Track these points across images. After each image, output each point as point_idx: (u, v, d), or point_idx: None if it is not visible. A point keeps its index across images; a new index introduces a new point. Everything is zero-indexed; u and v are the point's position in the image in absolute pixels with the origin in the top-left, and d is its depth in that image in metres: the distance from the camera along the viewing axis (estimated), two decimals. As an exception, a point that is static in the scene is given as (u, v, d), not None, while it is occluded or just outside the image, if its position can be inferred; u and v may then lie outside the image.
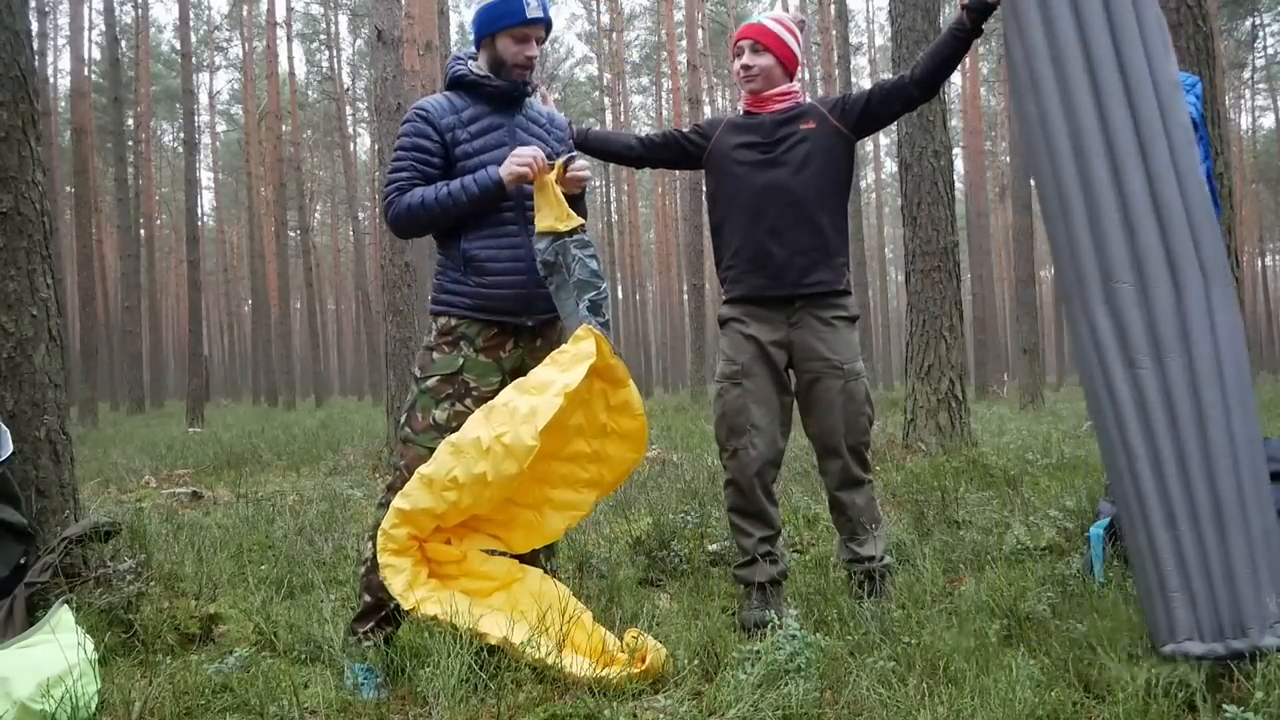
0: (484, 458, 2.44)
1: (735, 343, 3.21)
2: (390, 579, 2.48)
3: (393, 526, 2.51)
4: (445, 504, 2.48)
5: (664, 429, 10.58)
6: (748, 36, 3.24)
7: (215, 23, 39.55)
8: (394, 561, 2.50)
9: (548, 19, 2.81)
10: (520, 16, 2.74)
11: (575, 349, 2.61)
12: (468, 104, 2.83)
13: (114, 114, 23.82)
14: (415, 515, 2.50)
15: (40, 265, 3.27)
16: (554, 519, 2.76)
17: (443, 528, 2.62)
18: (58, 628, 2.60)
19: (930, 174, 7.23)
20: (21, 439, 3.15)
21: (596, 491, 2.83)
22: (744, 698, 2.24)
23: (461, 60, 2.88)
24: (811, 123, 3.18)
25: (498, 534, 2.74)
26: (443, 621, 2.43)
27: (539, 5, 2.77)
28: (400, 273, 8.04)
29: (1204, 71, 4.27)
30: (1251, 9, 29.09)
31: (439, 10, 14.44)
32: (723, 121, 3.35)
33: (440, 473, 2.47)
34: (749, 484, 3.15)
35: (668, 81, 35.80)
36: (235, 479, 7.60)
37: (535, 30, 2.79)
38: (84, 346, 18.42)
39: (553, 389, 2.50)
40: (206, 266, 38.57)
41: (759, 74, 3.20)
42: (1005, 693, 2.22)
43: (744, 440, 3.14)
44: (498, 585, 2.66)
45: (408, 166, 2.77)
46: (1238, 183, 30.46)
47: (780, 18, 3.30)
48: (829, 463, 3.24)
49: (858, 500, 3.23)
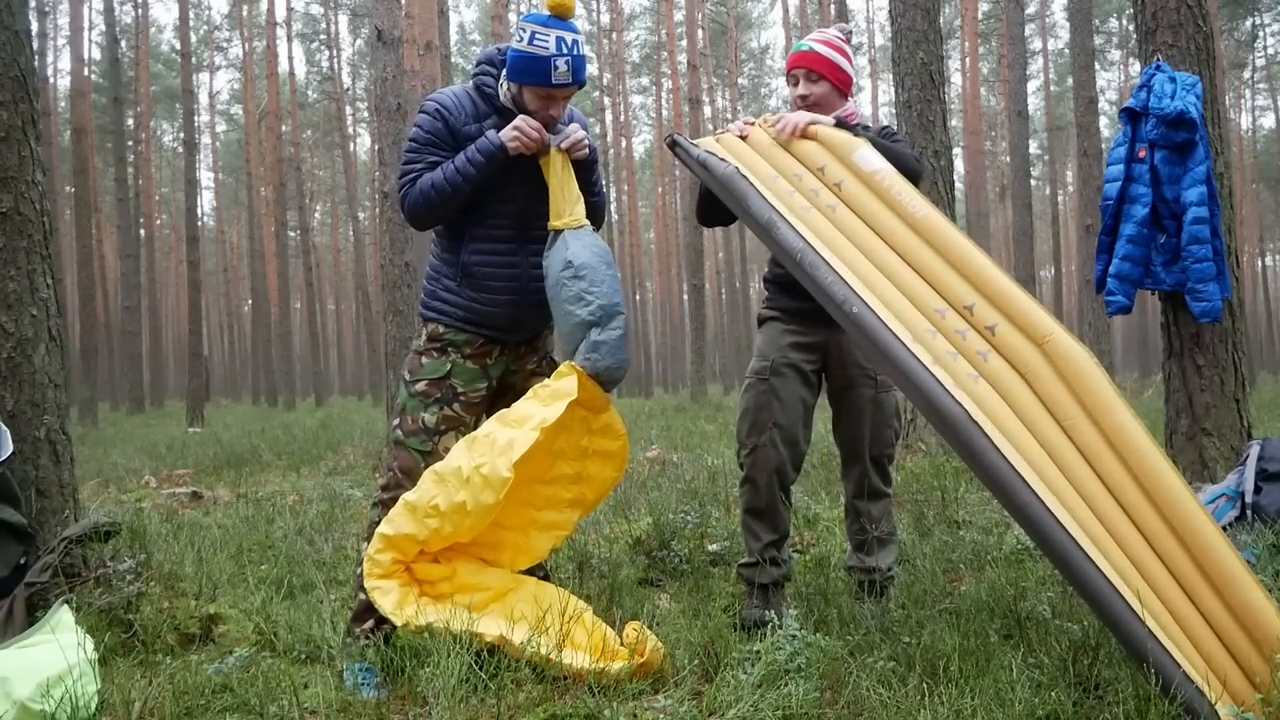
0: (464, 487, 2.47)
1: (771, 340, 3.20)
2: (379, 600, 2.50)
3: (377, 552, 2.53)
4: (427, 530, 2.50)
5: (664, 429, 10.58)
6: (801, 65, 3.15)
7: (215, 23, 39.50)
8: (381, 584, 2.52)
9: (578, 81, 2.71)
10: (545, 80, 2.67)
11: (556, 385, 2.62)
12: (489, 113, 2.80)
13: (114, 114, 23.82)
14: (399, 541, 2.52)
15: (40, 265, 3.27)
16: (539, 539, 2.78)
17: (427, 551, 2.63)
18: (58, 628, 2.60)
19: (930, 174, 7.23)
20: (21, 439, 3.15)
21: (579, 510, 2.85)
22: (744, 698, 2.24)
23: (492, 78, 2.81)
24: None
25: (485, 556, 2.75)
26: (438, 629, 2.44)
27: (568, 70, 2.67)
28: (400, 273, 8.04)
29: (1204, 71, 4.27)
30: (1251, 9, 29.08)
31: (439, 10, 14.44)
32: None
33: (423, 500, 2.49)
34: (766, 482, 3.12)
35: (668, 81, 35.77)
36: (235, 479, 7.61)
37: (564, 92, 2.74)
38: (84, 346, 18.42)
39: (530, 423, 2.52)
40: (206, 266, 38.55)
41: (815, 102, 3.13)
42: (1005, 693, 2.22)
43: (765, 438, 3.11)
44: (493, 595, 2.66)
45: (421, 160, 2.74)
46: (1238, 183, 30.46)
47: (829, 40, 3.20)
48: (850, 469, 3.25)
49: (873, 510, 3.22)
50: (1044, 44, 36.77)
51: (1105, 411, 2.28)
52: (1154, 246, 4.08)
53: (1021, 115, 17.14)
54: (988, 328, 2.42)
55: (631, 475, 6.49)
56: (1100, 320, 11.79)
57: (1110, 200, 4.16)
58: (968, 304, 2.47)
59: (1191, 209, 3.93)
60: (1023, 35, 17.62)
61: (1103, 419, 2.28)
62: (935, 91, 7.20)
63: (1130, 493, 2.24)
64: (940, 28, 7.46)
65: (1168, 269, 4.07)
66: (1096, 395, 2.30)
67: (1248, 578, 2.17)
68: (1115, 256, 4.13)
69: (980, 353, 2.39)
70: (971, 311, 2.45)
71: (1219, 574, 2.17)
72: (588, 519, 4.82)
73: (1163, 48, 4.32)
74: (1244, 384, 4.25)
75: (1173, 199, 4.01)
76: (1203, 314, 3.98)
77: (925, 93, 7.16)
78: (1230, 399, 4.20)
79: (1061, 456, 2.29)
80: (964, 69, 30.82)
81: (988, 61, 33.32)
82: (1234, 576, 2.16)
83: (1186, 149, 3.97)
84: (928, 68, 7.18)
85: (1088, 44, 13.57)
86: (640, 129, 45.31)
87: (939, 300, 2.50)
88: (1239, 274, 4.32)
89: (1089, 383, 2.31)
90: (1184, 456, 4.45)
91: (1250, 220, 35.47)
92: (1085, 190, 12.51)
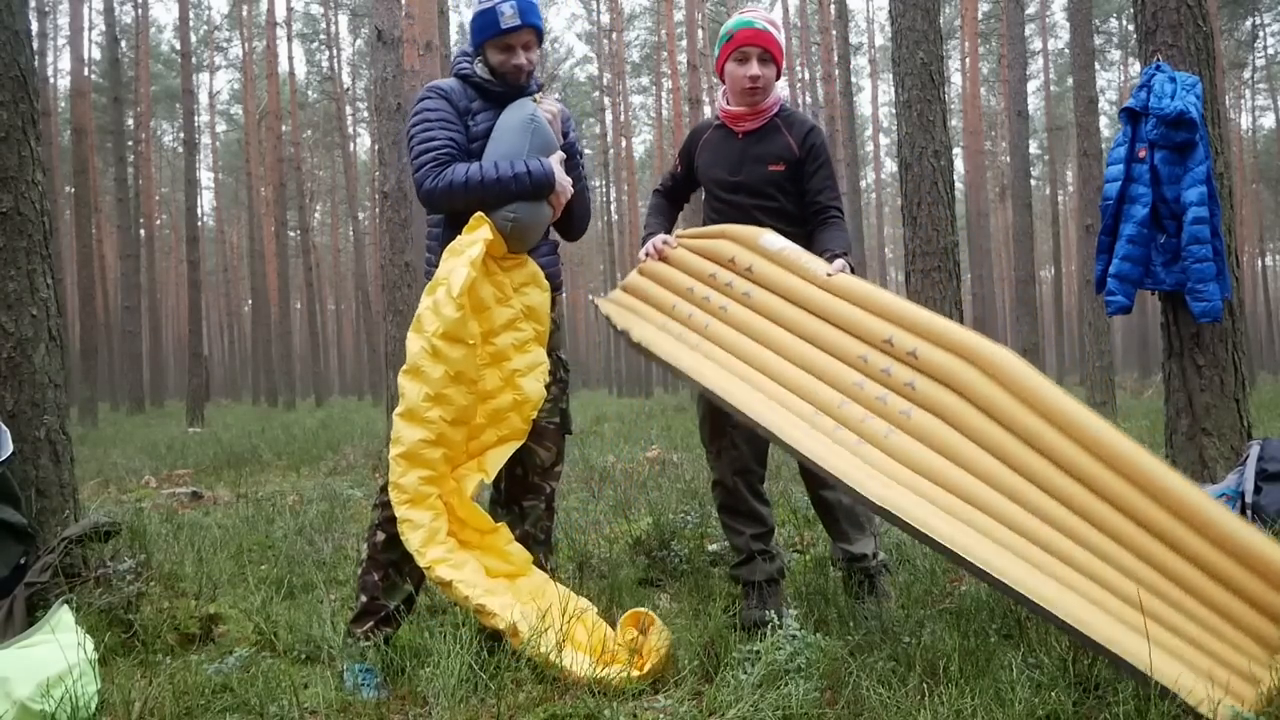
0: (434, 359, 2.54)
1: None
2: (407, 535, 2.51)
3: (400, 476, 2.55)
4: (433, 425, 2.55)
5: (664, 429, 10.58)
6: (756, 44, 3.10)
7: (215, 23, 39.50)
8: (411, 515, 2.53)
9: (528, 24, 2.77)
10: (495, 28, 2.76)
11: (469, 236, 2.70)
12: (474, 97, 2.86)
13: (114, 114, 23.81)
14: (414, 453, 2.55)
15: (40, 265, 3.27)
16: (530, 384, 2.80)
17: (455, 462, 2.67)
18: (58, 628, 2.60)
19: (930, 174, 7.22)
20: (21, 439, 3.15)
21: (540, 345, 2.87)
22: (744, 698, 2.24)
23: (468, 60, 2.89)
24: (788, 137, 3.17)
25: (505, 436, 2.78)
26: (455, 590, 2.44)
27: (515, 13, 2.74)
28: (400, 273, 8.03)
29: (1204, 71, 4.26)
30: (1251, 9, 29.07)
31: (439, 10, 14.43)
32: (703, 136, 3.32)
33: (413, 400, 2.54)
34: (733, 483, 3.17)
35: (668, 81, 35.76)
36: (235, 479, 7.61)
37: (518, 38, 2.79)
38: (84, 346, 18.40)
39: (458, 264, 2.60)
40: (206, 266, 38.53)
41: (764, 85, 3.13)
42: (1005, 693, 2.22)
43: (724, 441, 3.15)
44: (508, 572, 2.69)
45: (441, 135, 2.75)
46: (1238, 183, 30.45)
47: (772, 20, 3.19)
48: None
49: (839, 500, 3.18)
50: (1044, 44, 36.78)
51: (1044, 401, 2.34)
52: (1154, 246, 4.08)
53: (1021, 115, 17.13)
54: (909, 354, 2.53)
55: (631, 475, 6.49)
56: (1100, 320, 11.77)
57: (1110, 200, 4.16)
58: (886, 338, 2.60)
59: (1191, 209, 3.93)
60: (1023, 35, 17.60)
61: (1046, 410, 2.33)
62: (935, 91, 7.20)
63: (1109, 483, 2.25)
64: (940, 28, 7.45)
65: (1168, 269, 4.07)
66: (1032, 391, 2.36)
67: (1257, 535, 2.18)
68: (1115, 256, 4.12)
69: (903, 411, 2.50)
70: (891, 343, 2.58)
71: (1225, 538, 2.16)
72: (587, 519, 4.83)
73: (1163, 48, 4.32)
74: (1244, 384, 4.25)
75: (1173, 199, 4.00)
76: (1203, 314, 3.97)
77: (925, 93, 7.16)
78: (1230, 399, 4.19)
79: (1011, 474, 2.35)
80: (964, 69, 30.81)
81: (988, 61, 33.31)
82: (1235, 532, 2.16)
83: (1186, 149, 3.97)
84: (928, 68, 7.18)
85: (1088, 44, 13.55)
86: (640, 129, 45.33)
87: (859, 348, 2.63)
88: (1239, 274, 4.32)
89: (1019, 379, 2.38)
90: (1184, 456, 4.45)
91: (1250, 220, 35.46)
92: (1085, 190, 12.50)
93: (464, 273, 2.56)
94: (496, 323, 2.78)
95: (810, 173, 3.13)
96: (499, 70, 2.83)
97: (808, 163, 3.13)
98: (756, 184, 3.13)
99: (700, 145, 3.30)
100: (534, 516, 2.91)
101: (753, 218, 3.09)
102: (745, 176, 3.14)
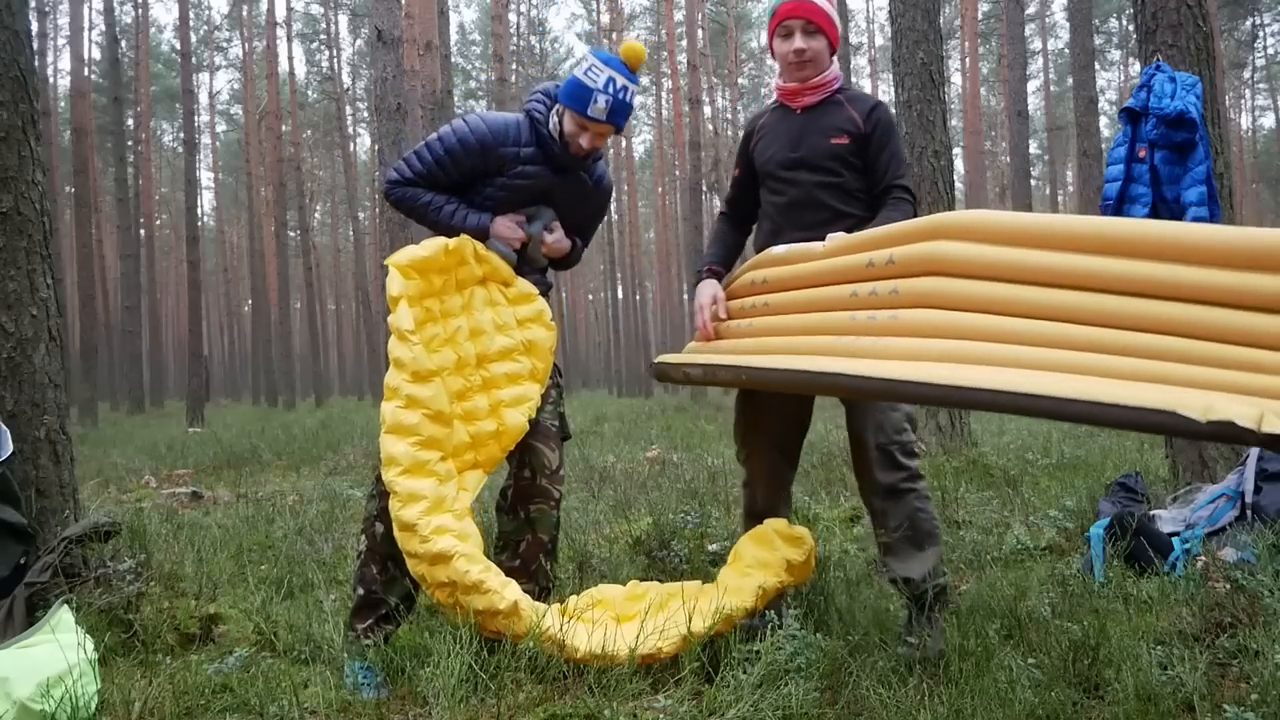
0: (409, 408, 2.58)
1: None
2: (406, 509, 2.50)
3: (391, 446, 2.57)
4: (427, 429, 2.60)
5: (664, 429, 10.59)
6: (798, 15, 2.89)
7: (215, 23, 39.55)
8: (410, 486, 2.53)
9: (613, 122, 2.81)
10: (582, 108, 2.78)
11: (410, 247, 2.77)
12: (531, 143, 2.87)
13: (114, 114, 23.83)
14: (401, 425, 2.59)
15: (40, 265, 3.27)
16: (512, 416, 2.80)
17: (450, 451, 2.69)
18: (58, 628, 2.60)
19: (930, 174, 7.23)
20: (21, 439, 3.15)
21: (535, 381, 2.87)
22: (744, 698, 2.24)
23: (545, 105, 2.89)
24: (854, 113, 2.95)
25: (480, 462, 2.79)
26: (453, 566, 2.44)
27: (606, 109, 2.76)
28: (400, 273, 8.02)
29: (1204, 71, 4.27)
30: (1251, 9, 29.09)
31: (439, 10, 14.44)
32: (758, 125, 3.13)
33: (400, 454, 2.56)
34: (764, 486, 3.08)
35: (668, 81, 35.81)
36: (235, 479, 7.61)
37: (599, 127, 2.82)
38: (84, 346, 18.42)
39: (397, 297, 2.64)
40: (206, 266, 38.53)
41: (811, 59, 2.93)
42: (1005, 693, 2.22)
43: (759, 441, 3.08)
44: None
45: (428, 165, 2.87)
46: (1238, 183, 30.44)
47: None
48: (858, 463, 2.96)
49: (889, 509, 2.83)
50: (1044, 44, 36.80)
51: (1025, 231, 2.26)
52: (1154, 246, 4.08)
53: (1021, 115, 17.15)
54: (889, 261, 2.52)
55: (631, 475, 6.49)
56: (1100, 320, 11.78)
57: (1110, 200, 4.16)
58: (865, 262, 2.57)
59: (1191, 209, 3.93)
60: (1023, 35, 17.62)
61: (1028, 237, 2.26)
62: (935, 91, 7.21)
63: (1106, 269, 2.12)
64: (940, 28, 7.46)
65: (1168, 269, 4.07)
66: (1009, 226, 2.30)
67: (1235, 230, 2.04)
68: (1115, 256, 4.12)
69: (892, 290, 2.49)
70: (870, 264, 2.57)
71: (1212, 250, 1.98)
72: (587, 518, 4.83)
73: (1163, 48, 4.32)
74: (1244, 384, 4.25)
75: (1173, 199, 4.00)
76: (1203, 314, 3.97)
77: (925, 93, 7.17)
78: (1230, 399, 4.19)
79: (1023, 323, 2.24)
80: (964, 69, 30.84)
81: (988, 61, 33.33)
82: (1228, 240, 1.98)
83: (1186, 149, 3.97)
84: (928, 68, 7.19)
85: (1088, 44, 13.57)
86: (640, 129, 45.33)
87: (848, 289, 2.62)
88: (1239, 274, 4.32)
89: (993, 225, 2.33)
90: (1184, 456, 4.45)
91: (1250, 220, 35.44)
92: (1085, 190, 12.51)
93: (405, 312, 2.60)
94: (492, 349, 2.81)
95: (877, 149, 2.91)
96: (566, 137, 2.84)
97: (874, 138, 2.91)
98: (818, 158, 2.91)
99: (756, 135, 3.09)
100: (544, 523, 2.83)
101: (813, 197, 2.90)
102: (805, 152, 2.92)
